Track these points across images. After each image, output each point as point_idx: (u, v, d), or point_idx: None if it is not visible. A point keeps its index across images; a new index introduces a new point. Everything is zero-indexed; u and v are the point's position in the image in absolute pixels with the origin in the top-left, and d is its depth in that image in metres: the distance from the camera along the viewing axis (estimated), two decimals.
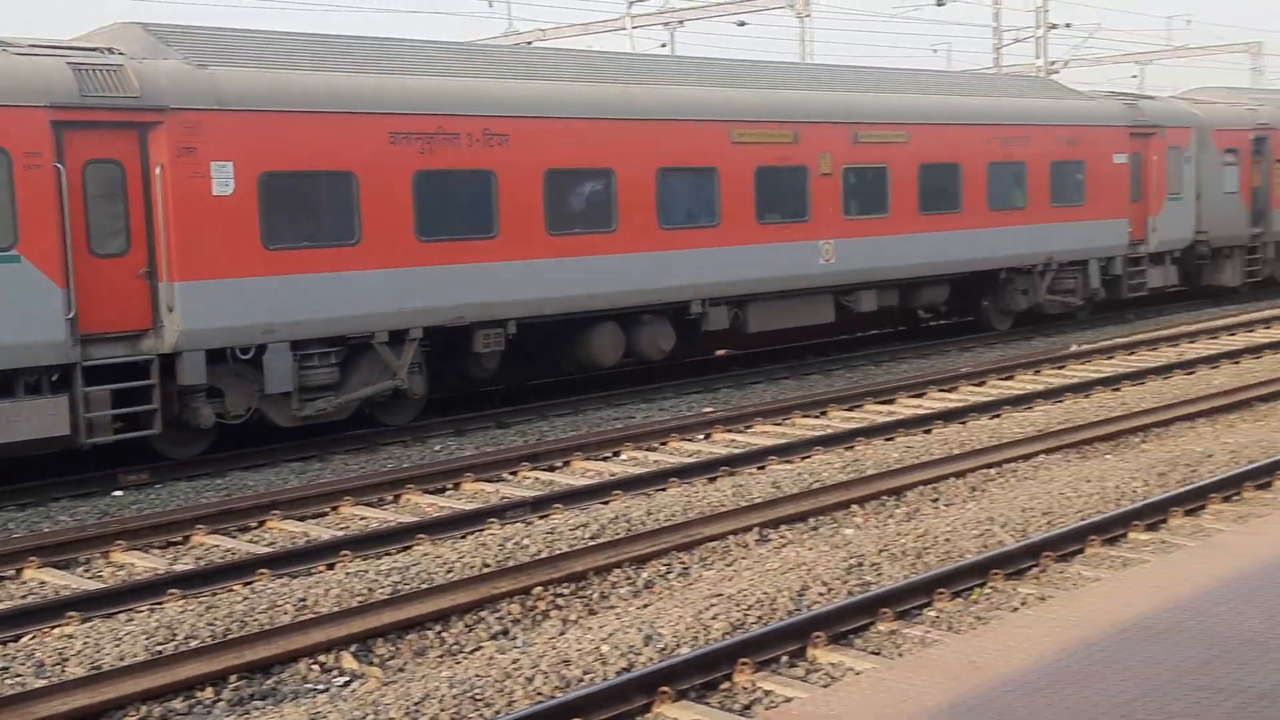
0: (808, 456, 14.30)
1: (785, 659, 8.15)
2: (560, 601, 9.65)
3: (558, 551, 10.71)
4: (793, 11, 35.79)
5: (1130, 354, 21.41)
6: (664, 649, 8.39)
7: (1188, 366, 19.59)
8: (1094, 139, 24.80)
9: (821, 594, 9.64)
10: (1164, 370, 19.23)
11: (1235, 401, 16.43)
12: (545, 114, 17.02)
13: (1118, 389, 18.06)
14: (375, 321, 15.63)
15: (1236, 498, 11.89)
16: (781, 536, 11.31)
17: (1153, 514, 11.20)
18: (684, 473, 13.42)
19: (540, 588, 9.75)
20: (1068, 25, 47.60)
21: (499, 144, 16.53)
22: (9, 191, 13.13)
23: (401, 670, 8.47)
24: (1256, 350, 20.88)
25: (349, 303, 15.33)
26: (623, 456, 14.79)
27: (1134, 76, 60.92)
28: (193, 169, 14.10)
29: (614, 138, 17.71)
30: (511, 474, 14.02)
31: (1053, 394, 17.50)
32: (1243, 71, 59.03)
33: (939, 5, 40.41)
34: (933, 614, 9.23)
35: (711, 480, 13.30)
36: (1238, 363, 20.03)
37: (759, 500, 12.19)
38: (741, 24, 41.05)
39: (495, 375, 17.73)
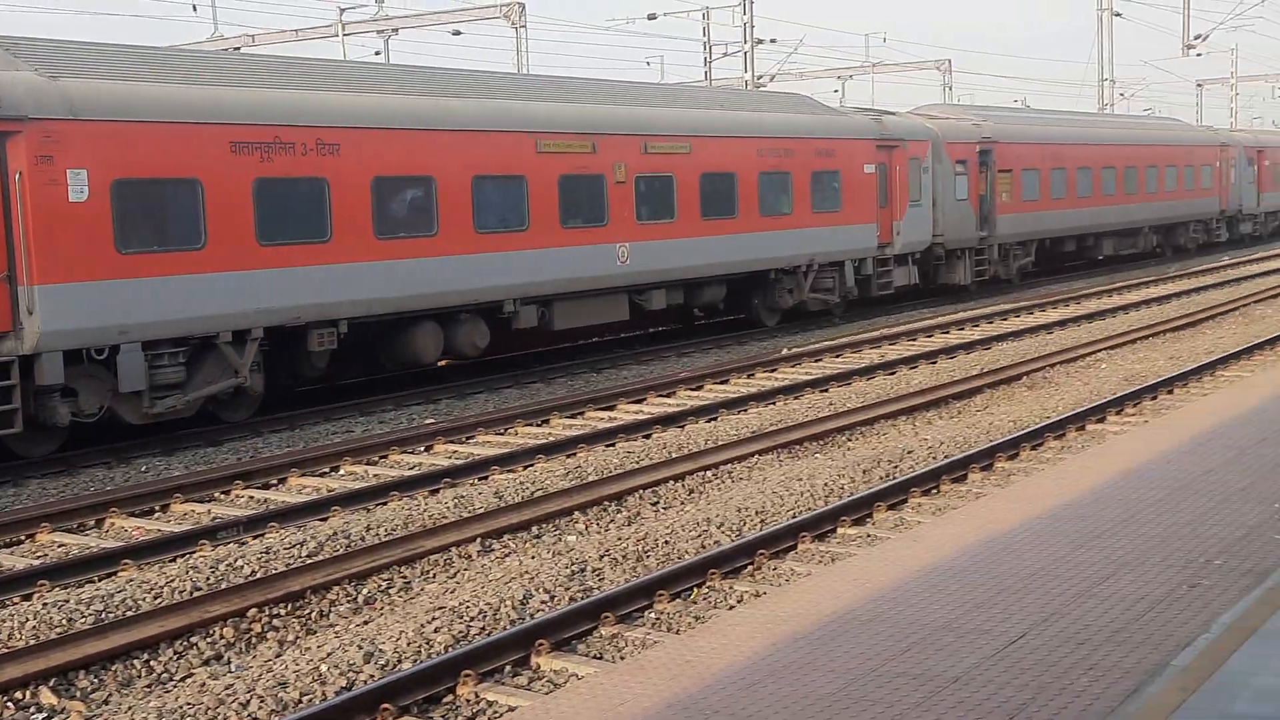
0: (530, 465, 14.33)
1: (508, 669, 8.14)
2: (276, 623, 9.37)
3: (274, 571, 10.40)
4: (508, 22, 35.88)
5: (837, 356, 22.29)
6: (386, 665, 8.25)
7: (889, 367, 20.54)
8: (847, 151, 26.89)
9: (545, 602, 9.67)
10: (868, 371, 20.11)
11: (932, 400, 17.31)
12: (373, 125, 17.91)
13: (826, 390, 18.78)
14: (220, 322, 16.18)
15: (935, 491, 12.52)
16: (505, 546, 11.29)
17: (859, 509, 11.68)
18: (405, 486, 13.24)
19: (255, 609, 9.44)
20: (773, 40, 49.42)
21: (331, 153, 17.35)
22: None
23: (106, 703, 8.05)
24: (951, 351, 22.08)
25: (196, 304, 15.87)
26: (341, 471, 14.48)
27: (835, 91, 63.59)
28: (50, 176, 14.49)
29: (434, 147, 18.67)
30: (224, 493, 13.53)
31: (765, 396, 18.06)
32: (935, 87, 62.38)
33: (650, 19, 41.29)
34: (653, 615, 9.38)
35: (433, 493, 13.16)
36: (934, 363, 21.12)
37: (481, 511, 12.14)
38: (456, 33, 40.91)
39: (324, 374, 18.45)
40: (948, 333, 25.08)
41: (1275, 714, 5.34)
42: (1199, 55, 50.60)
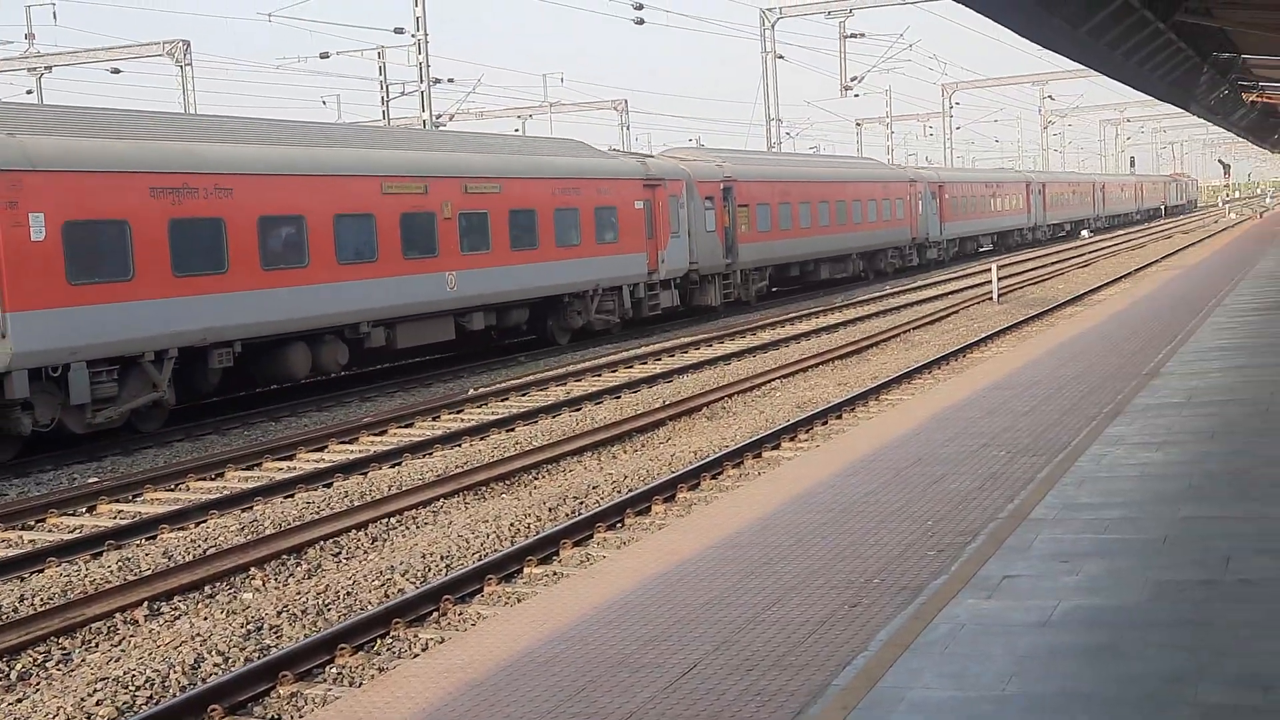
0: (203, 521, 13.74)
1: None
2: None
3: None
4: (172, 60, 34.55)
5: (523, 395, 22.36)
6: None
7: (574, 404, 20.74)
8: (622, 190, 30.97)
9: (218, 664, 9.27)
10: (553, 409, 20.24)
11: (617, 434, 17.57)
12: (258, 171, 20.89)
13: (512, 429, 18.79)
14: (147, 343, 18.91)
15: (620, 525, 12.69)
16: (175, 608, 10.77)
17: (545, 548, 11.71)
18: (64, 551, 12.45)
19: None
20: (451, 80, 49.53)
21: (226, 196, 20.25)
22: None
23: None
24: (634, 385, 22.50)
25: (131, 328, 18.58)
26: None
27: (516, 130, 64.12)
28: (15, 219, 17.02)
29: (305, 190, 21.80)
30: None
31: (451, 438, 17.92)
32: (613, 126, 63.79)
33: (323, 58, 40.59)
34: (335, 671, 9.12)
35: (96, 556, 12.43)
36: (618, 398, 21.46)
37: (149, 573, 11.54)
38: (116, 71, 39.10)
39: (218, 388, 21.37)
40: (631, 367, 25.55)
41: None
42: (856, 96, 53.60)
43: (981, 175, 66.70)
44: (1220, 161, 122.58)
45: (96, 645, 9.92)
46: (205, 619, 10.38)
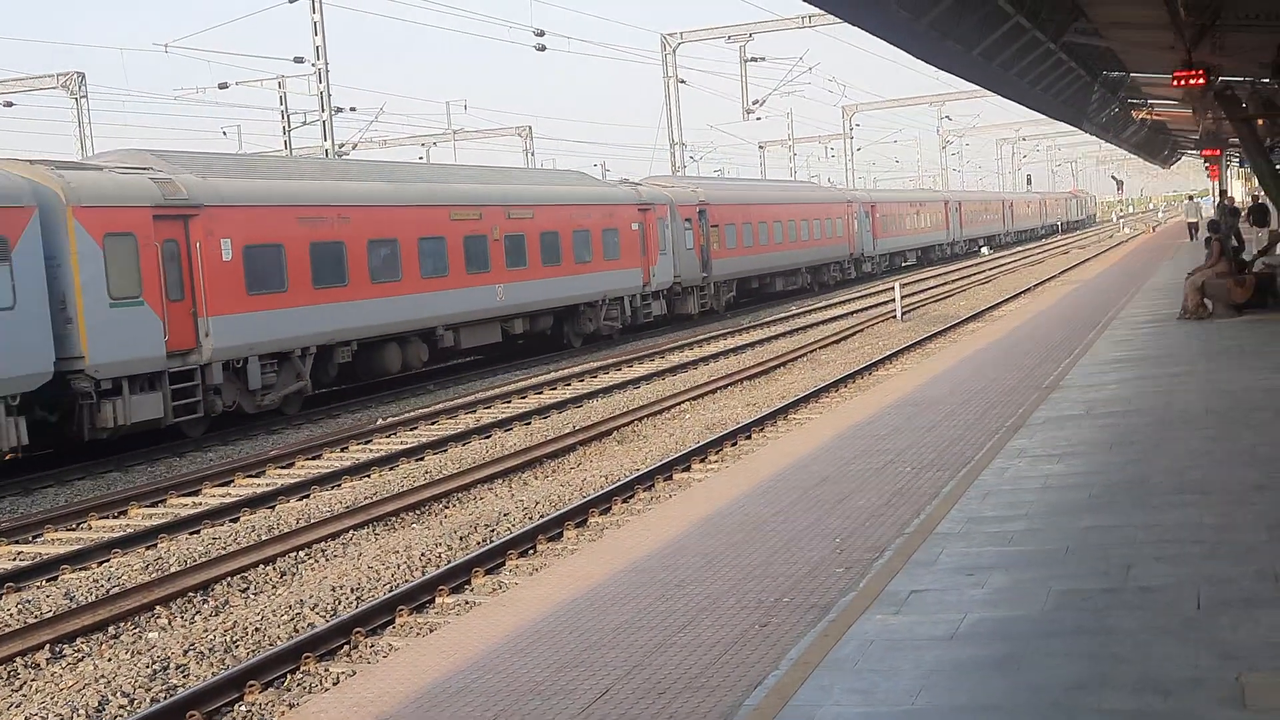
0: (105, 561, 13.47)
1: None
2: None
3: None
4: (66, 92, 33.94)
5: (432, 424, 22.20)
6: None
7: (484, 432, 20.63)
8: (622, 214, 35.71)
9: (124, 707, 9.10)
10: (463, 437, 20.13)
11: (528, 460, 17.51)
12: (366, 203, 25.75)
13: (421, 459, 18.65)
14: (297, 341, 23.96)
15: (532, 551, 12.65)
16: (78, 650, 10.54)
17: (456, 577, 11.64)
18: None
19: None
20: (353, 109, 49.23)
21: (346, 223, 25.07)
22: None
23: None
24: (544, 411, 22.45)
25: (287, 329, 23.64)
26: None
27: (420, 158, 63.82)
28: (212, 245, 21.85)
29: (400, 217, 26.60)
30: None
31: (360, 469, 17.74)
32: (518, 152, 63.70)
33: (222, 88, 40.14)
34: (244, 709, 8.99)
35: None
36: (528, 424, 21.39)
37: (50, 614, 11.29)
38: (9, 104, 38.33)
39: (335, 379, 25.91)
40: (541, 393, 25.50)
41: None
42: (759, 119, 54.11)
43: (908, 195, 72.69)
44: (1113, 178, 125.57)
45: None
46: (109, 660, 10.18)
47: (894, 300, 37.43)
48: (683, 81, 48.97)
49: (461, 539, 13.30)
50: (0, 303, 18.08)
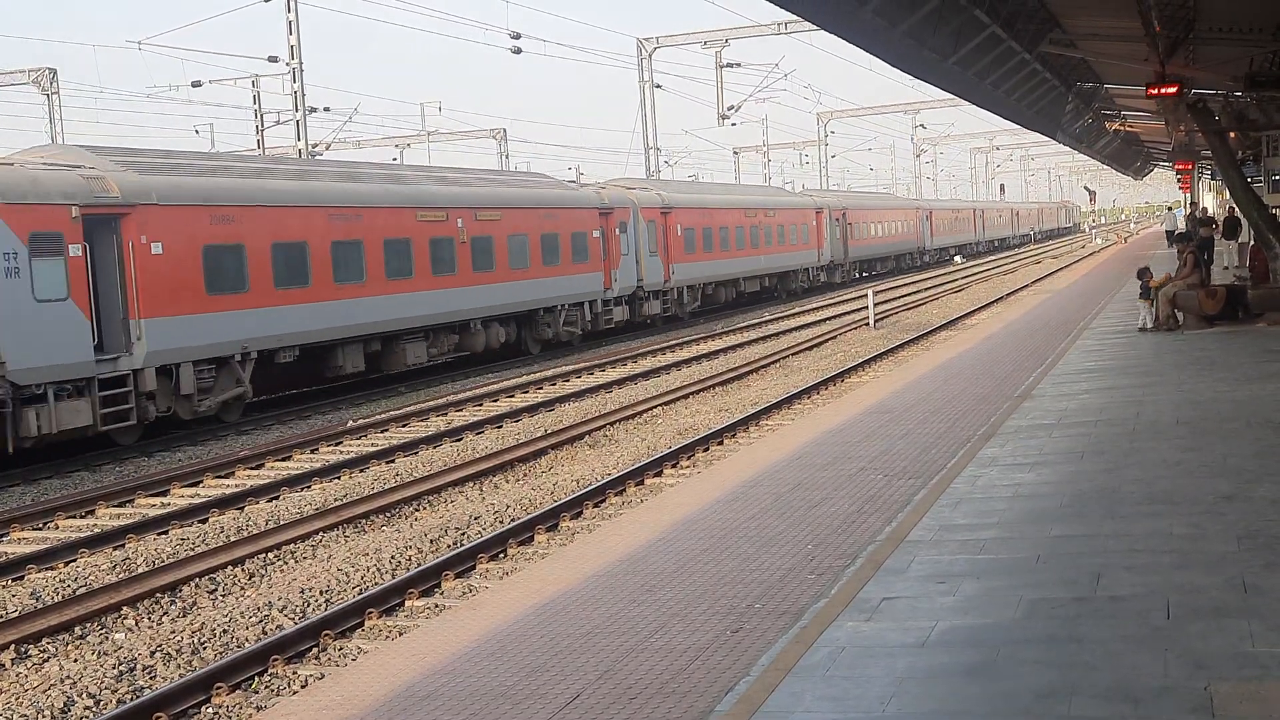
0: (72, 561, 13.36)
1: None
2: None
3: None
4: (38, 88, 33.68)
5: (403, 426, 22.11)
6: None
7: (455, 434, 20.56)
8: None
9: (89, 708, 9.02)
10: (434, 439, 20.05)
11: (499, 464, 17.45)
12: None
13: (392, 461, 18.57)
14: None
15: (502, 555, 12.61)
16: (43, 650, 10.44)
17: (426, 580, 11.59)
18: None
19: None
20: (327, 109, 49.01)
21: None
22: None
23: None
24: (516, 415, 22.39)
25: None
26: None
27: (395, 159, 63.64)
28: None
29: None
30: None
31: (330, 471, 17.66)
32: (492, 154, 63.61)
33: (195, 86, 39.92)
34: (211, 711, 8.92)
35: None
36: (500, 427, 21.33)
37: (15, 615, 11.19)
38: None
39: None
40: (513, 396, 25.44)
41: None
42: (733, 124, 54.20)
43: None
44: (1086, 188, 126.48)
45: None
46: (75, 661, 10.09)
47: (867, 308, 37.52)
48: (658, 86, 49.01)
49: (432, 542, 13.25)
50: None
